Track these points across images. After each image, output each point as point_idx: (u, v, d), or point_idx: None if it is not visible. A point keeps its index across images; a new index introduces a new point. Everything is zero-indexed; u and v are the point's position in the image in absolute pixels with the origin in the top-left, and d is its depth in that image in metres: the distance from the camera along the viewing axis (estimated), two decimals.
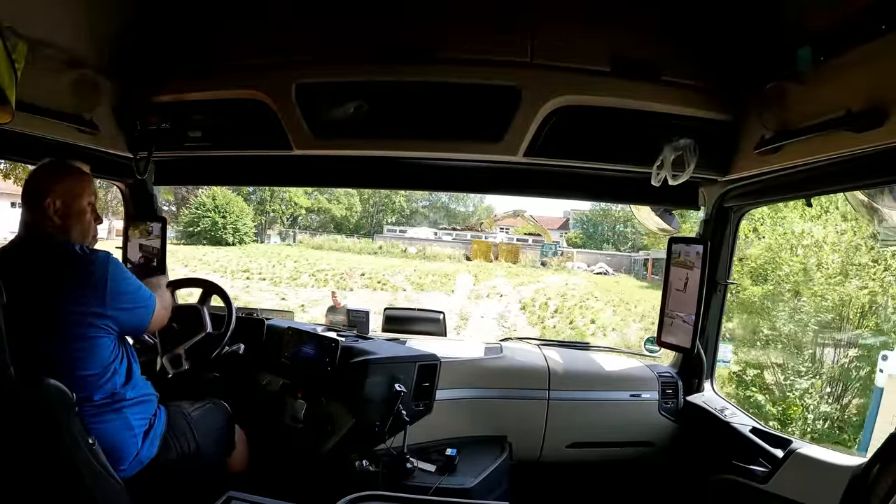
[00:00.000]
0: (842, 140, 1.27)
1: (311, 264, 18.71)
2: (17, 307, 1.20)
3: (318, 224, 30.06)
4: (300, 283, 16.78)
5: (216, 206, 22.35)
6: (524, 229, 28.56)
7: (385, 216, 32.27)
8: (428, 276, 17.66)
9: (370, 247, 24.59)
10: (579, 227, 30.60)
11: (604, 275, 20.63)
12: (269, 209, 27.31)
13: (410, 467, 1.83)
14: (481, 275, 18.22)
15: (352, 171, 2.07)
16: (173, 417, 1.60)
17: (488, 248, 23.78)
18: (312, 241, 25.84)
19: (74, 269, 1.36)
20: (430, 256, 22.41)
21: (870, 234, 5.87)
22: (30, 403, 1.20)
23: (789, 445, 1.64)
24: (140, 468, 1.45)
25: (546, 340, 2.59)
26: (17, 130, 1.60)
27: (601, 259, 23.34)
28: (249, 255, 19.84)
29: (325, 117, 1.76)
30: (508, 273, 18.71)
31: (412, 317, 2.65)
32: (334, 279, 17.20)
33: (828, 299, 6.27)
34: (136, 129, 1.89)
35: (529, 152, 1.73)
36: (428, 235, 27.84)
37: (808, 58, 1.32)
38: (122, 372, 1.45)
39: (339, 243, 24.93)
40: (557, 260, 23.30)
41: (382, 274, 17.69)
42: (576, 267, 22.03)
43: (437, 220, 33.47)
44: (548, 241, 25.90)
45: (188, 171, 2.23)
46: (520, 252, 23.70)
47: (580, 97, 1.67)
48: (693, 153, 1.66)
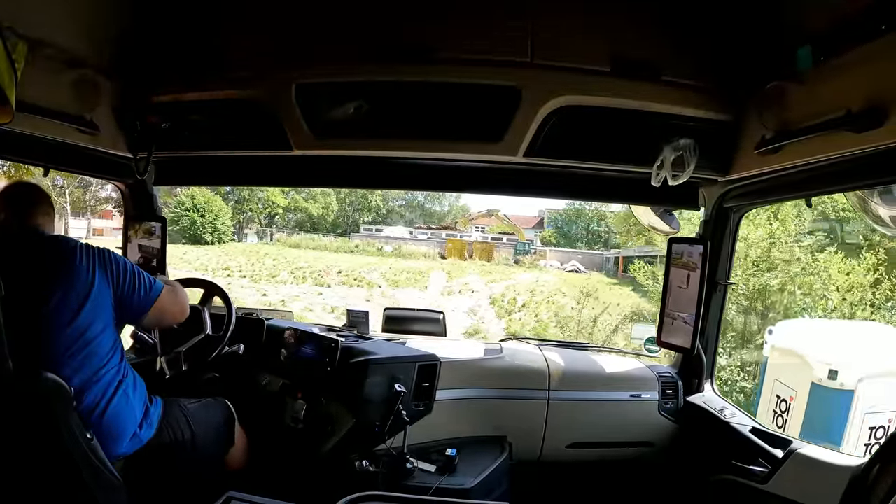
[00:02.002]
0: (842, 140, 1.26)
1: (290, 262, 19.37)
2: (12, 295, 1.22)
3: (295, 223, 30.07)
4: (279, 280, 17.56)
5: (195, 205, 22.42)
6: (499, 228, 29.08)
7: (362, 215, 32.30)
8: (403, 274, 18.46)
9: (346, 245, 24.92)
10: (553, 226, 30.90)
11: (576, 272, 21.06)
12: (247, 208, 27.40)
13: (410, 467, 1.83)
14: (454, 272, 19.03)
15: (351, 171, 2.07)
16: (170, 408, 1.63)
17: (463, 247, 24.17)
18: (290, 239, 26.06)
19: (63, 247, 1.42)
20: (405, 255, 22.83)
21: (793, 235, 7.77)
22: (27, 397, 1.21)
23: (789, 446, 1.64)
24: (139, 447, 1.48)
25: (546, 340, 2.59)
26: (17, 130, 1.59)
27: (574, 257, 23.73)
28: (229, 254, 20.32)
29: (325, 117, 1.76)
30: (481, 271, 19.46)
31: (412, 317, 2.65)
32: (312, 276, 17.97)
33: (744, 288, 8.02)
34: (136, 129, 1.89)
35: (529, 152, 1.73)
36: (404, 234, 28.17)
37: (808, 58, 1.32)
38: (120, 353, 1.50)
39: (317, 242, 25.21)
40: (530, 258, 23.71)
41: (359, 271, 18.50)
42: (549, 265, 22.45)
43: (413, 219, 33.48)
44: (521, 239, 26.26)
45: (188, 171, 2.23)
46: (494, 250, 24.11)
47: (580, 97, 1.67)
48: (693, 153, 1.66)
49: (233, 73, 1.79)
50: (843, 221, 9.33)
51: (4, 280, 1.19)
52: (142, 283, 1.53)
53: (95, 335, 1.41)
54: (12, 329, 1.19)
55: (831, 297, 8.01)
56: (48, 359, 1.32)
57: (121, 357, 1.50)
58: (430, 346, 2.22)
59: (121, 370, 1.48)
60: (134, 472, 1.47)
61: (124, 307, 1.49)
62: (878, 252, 8.42)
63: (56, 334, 1.35)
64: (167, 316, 1.63)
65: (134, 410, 1.48)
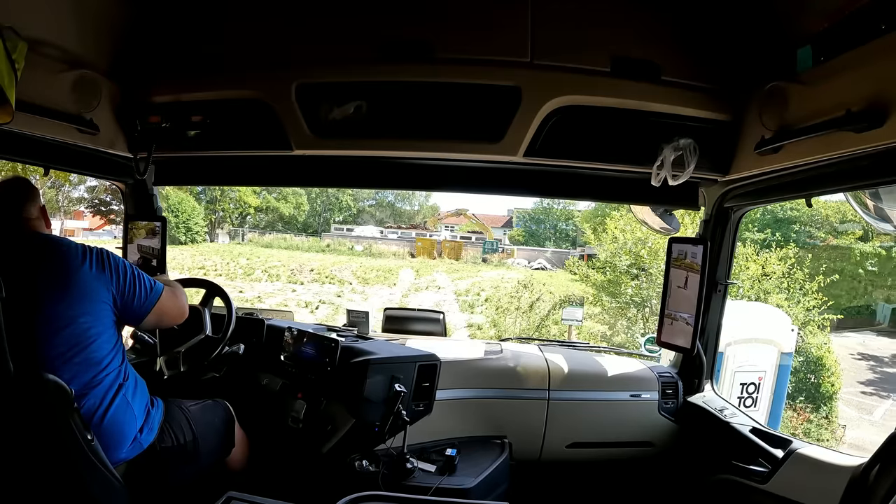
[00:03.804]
0: (842, 140, 1.26)
1: (263, 261, 20.13)
2: (14, 295, 1.22)
3: (267, 223, 30.25)
4: (254, 278, 18.42)
5: (168, 205, 22.48)
6: (467, 227, 29.68)
7: (333, 215, 32.51)
8: (373, 272, 19.37)
9: (318, 245, 25.22)
10: (522, 225, 31.40)
11: (542, 270, 21.65)
12: (219, 208, 27.46)
13: (410, 467, 1.83)
14: (423, 270, 19.93)
15: (352, 171, 2.07)
16: (171, 410, 1.62)
17: (432, 246, 24.53)
18: (262, 239, 26.33)
19: (63, 249, 1.40)
20: (375, 254, 23.40)
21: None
22: (28, 399, 1.20)
23: (789, 446, 1.64)
24: (139, 451, 1.47)
25: (546, 340, 2.60)
26: (17, 130, 1.59)
27: (541, 255, 24.28)
28: (203, 254, 20.81)
29: (325, 117, 1.76)
30: (449, 269, 20.34)
31: (412, 317, 2.66)
32: (286, 274, 18.81)
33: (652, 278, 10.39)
34: (136, 129, 1.89)
35: (529, 152, 1.72)
36: (374, 234, 28.51)
37: (808, 58, 1.32)
38: (121, 356, 1.48)
39: (289, 241, 25.51)
40: (498, 256, 24.16)
41: (331, 269, 19.36)
42: (516, 263, 22.97)
43: (384, 218, 33.83)
44: (490, 238, 26.68)
45: (188, 171, 2.23)
46: (462, 249, 24.54)
47: (580, 97, 1.67)
48: (693, 153, 1.66)
49: (233, 73, 1.79)
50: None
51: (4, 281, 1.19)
52: (142, 286, 1.51)
53: (94, 338, 1.39)
54: (10, 331, 1.18)
55: (742, 284, 9.80)
56: (45, 362, 1.30)
57: (121, 360, 1.48)
58: (430, 346, 2.22)
59: (121, 374, 1.46)
60: (135, 475, 1.46)
61: (125, 310, 1.48)
62: (790, 247, 10.53)
63: (53, 338, 1.33)
64: (166, 318, 1.61)
65: (134, 415, 1.47)
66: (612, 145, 1.74)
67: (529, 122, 1.67)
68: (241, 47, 1.77)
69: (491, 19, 1.63)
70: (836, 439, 8.73)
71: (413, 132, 1.76)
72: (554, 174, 1.94)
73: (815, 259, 11.80)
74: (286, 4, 1.73)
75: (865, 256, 15.61)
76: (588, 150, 1.76)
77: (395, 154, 1.92)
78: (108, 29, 1.73)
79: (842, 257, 15.58)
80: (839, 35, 1.24)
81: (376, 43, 1.66)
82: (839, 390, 9.59)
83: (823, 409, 9.30)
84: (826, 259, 13.84)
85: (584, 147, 1.75)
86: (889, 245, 15.61)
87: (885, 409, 10.91)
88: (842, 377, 9.87)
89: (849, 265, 15.53)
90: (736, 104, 1.66)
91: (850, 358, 13.16)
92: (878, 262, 15.66)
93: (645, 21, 1.63)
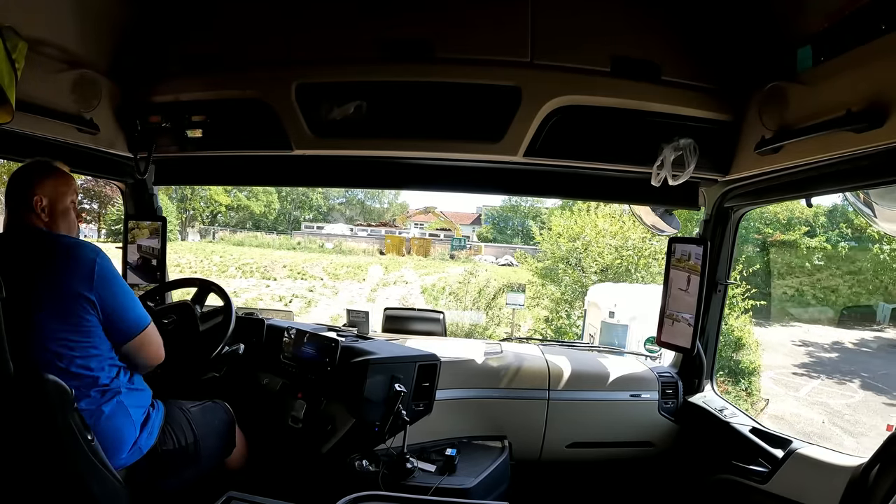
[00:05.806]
0: (842, 140, 1.26)
1: (236, 259, 20.80)
2: (13, 297, 1.20)
3: (237, 221, 30.32)
4: (229, 274, 19.09)
5: None
6: (436, 225, 30.11)
7: (303, 213, 32.53)
8: (343, 268, 20.25)
9: (289, 243, 25.42)
10: (490, 223, 31.69)
11: (508, 266, 22.02)
12: (190, 207, 27.42)
13: (410, 467, 1.83)
14: (391, 266, 20.74)
15: (352, 171, 2.07)
16: (172, 411, 1.61)
17: (401, 243, 24.78)
18: (233, 237, 26.44)
19: (66, 252, 1.37)
20: (346, 251, 23.86)
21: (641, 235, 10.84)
22: (28, 399, 1.20)
23: (789, 445, 1.64)
24: (139, 457, 1.46)
25: (546, 340, 2.60)
26: (17, 130, 1.60)
27: (508, 252, 24.46)
28: (177, 252, 21.06)
29: (325, 117, 1.76)
30: (417, 265, 21.09)
31: (412, 317, 2.66)
32: (259, 271, 19.61)
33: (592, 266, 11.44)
34: (136, 129, 1.89)
35: (529, 152, 1.73)
36: (344, 231, 28.82)
37: (808, 58, 1.33)
38: (116, 365, 1.45)
39: (260, 239, 25.75)
40: (465, 253, 24.50)
41: (302, 266, 20.19)
42: (483, 259, 23.26)
43: (354, 216, 33.98)
44: (458, 235, 27.12)
45: (188, 171, 2.23)
46: (431, 246, 24.86)
47: (580, 97, 1.67)
48: (693, 153, 1.66)
49: (233, 72, 1.79)
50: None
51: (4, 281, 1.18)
52: (133, 312, 1.45)
53: (90, 343, 1.37)
54: (11, 332, 1.18)
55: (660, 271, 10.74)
56: (41, 366, 1.28)
57: (117, 370, 1.44)
58: (430, 345, 2.22)
59: (117, 379, 1.43)
60: (135, 476, 1.46)
61: (108, 322, 1.41)
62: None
63: (50, 342, 1.31)
64: (144, 351, 1.50)
65: (132, 420, 1.44)
66: (612, 145, 1.74)
67: (529, 121, 1.67)
68: (240, 47, 1.77)
69: (491, 19, 1.63)
70: (756, 410, 9.24)
71: (413, 132, 1.76)
72: (554, 174, 1.94)
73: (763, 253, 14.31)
74: (286, 4, 1.73)
75: (812, 251, 16.78)
76: (588, 149, 1.76)
77: (395, 154, 1.92)
78: (108, 29, 1.73)
79: (789, 252, 16.77)
80: (839, 35, 1.24)
81: (376, 43, 1.66)
82: (759, 367, 10.37)
83: (743, 382, 10.04)
84: (775, 253, 15.86)
85: (584, 147, 1.75)
86: (836, 240, 16.79)
87: (811, 387, 11.46)
88: (765, 356, 10.92)
89: (795, 259, 16.81)
90: (736, 104, 1.66)
91: (791, 344, 14.05)
92: (824, 256, 16.94)
93: (645, 21, 1.64)
